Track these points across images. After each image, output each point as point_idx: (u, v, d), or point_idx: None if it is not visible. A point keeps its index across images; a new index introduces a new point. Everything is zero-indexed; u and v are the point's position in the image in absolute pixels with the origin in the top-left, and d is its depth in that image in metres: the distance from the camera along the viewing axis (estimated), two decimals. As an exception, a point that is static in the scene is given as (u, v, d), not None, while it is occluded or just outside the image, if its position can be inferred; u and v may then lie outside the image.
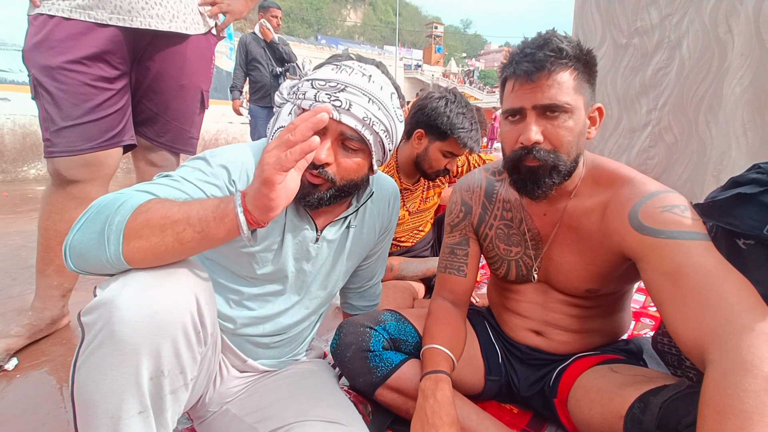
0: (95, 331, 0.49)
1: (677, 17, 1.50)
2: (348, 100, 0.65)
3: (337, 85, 0.66)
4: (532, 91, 0.71)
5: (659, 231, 0.64)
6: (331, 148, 0.67)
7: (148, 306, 0.49)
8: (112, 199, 0.54)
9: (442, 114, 1.24)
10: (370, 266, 0.96)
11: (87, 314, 0.50)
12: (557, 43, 0.69)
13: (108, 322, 0.48)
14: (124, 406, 0.49)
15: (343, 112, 0.65)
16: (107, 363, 0.48)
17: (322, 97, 0.66)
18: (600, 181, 0.78)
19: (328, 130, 0.67)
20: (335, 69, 0.68)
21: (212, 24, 1.23)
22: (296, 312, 0.82)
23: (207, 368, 0.70)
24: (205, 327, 0.57)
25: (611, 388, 0.71)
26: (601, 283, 0.80)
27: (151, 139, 1.26)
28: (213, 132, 5.81)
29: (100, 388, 0.49)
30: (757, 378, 0.47)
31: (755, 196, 0.60)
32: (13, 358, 1.07)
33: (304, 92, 0.68)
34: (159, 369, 0.51)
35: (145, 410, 0.51)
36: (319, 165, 0.66)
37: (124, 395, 0.49)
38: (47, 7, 0.99)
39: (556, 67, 0.69)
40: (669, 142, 1.53)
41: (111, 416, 0.49)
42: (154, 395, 0.51)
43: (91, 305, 0.50)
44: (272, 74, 3.26)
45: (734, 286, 0.55)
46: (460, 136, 1.24)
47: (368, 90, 0.67)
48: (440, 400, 0.70)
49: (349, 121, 0.66)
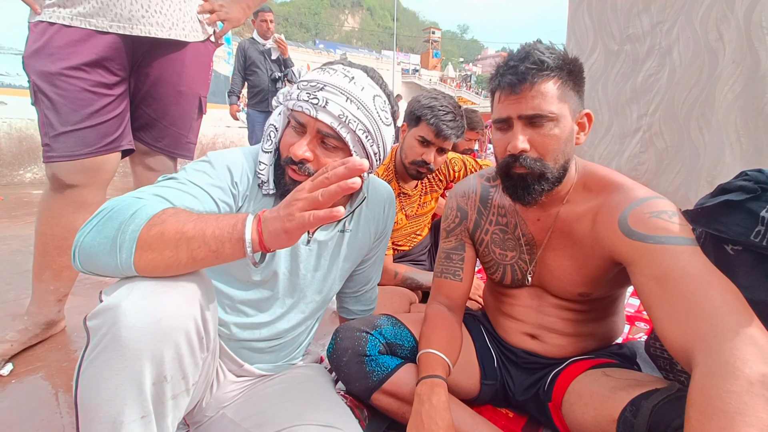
0: (100, 335, 0.49)
1: (668, 24, 1.52)
2: (325, 98, 0.67)
3: (316, 85, 0.69)
4: (517, 101, 0.73)
5: (647, 236, 0.66)
6: (310, 145, 0.69)
7: (153, 312, 0.50)
8: (126, 204, 0.53)
9: (416, 101, 1.31)
10: (365, 271, 0.97)
11: (93, 318, 0.50)
12: (538, 56, 0.72)
13: (113, 326, 0.48)
14: (126, 411, 0.49)
15: (319, 109, 0.67)
16: (110, 367, 0.49)
17: (302, 96, 0.68)
18: (591, 187, 0.80)
19: (307, 127, 0.69)
20: (320, 71, 0.71)
21: (211, 31, 1.25)
22: (292, 317, 0.82)
23: (205, 373, 0.70)
24: (209, 333, 0.57)
25: (604, 392, 0.72)
26: (593, 287, 0.81)
27: (149, 144, 1.27)
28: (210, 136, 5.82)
29: (102, 393, 0.49)
30: (739, 379, 0.48)
31: (742, 203, 0.61)
32: (8, 363, 1.07)
33: (290, 93, 0.71)
34: (162, 374, 0.51)
35: (147, 415, 0.51)
36: (297, 161, 0.68)
37: (126, 400, 0.49)
38: (48, 14, 1.00)
39: (538, 79, 0.72)
40: (660, 147, 1.55)
41: (113, 421, 0.49)
42: (156, 400, 0.52)
43: (97, 310, 0.50)
44: (271, 79, 3.28)
45: (719, 290, 0.56)
46: (428, 118, 1.25)
47: (347, 89, 0.69)
48: (436, 405, 0.71)
49: (324, 118, 0.67)
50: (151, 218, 0.52)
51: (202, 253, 0.51)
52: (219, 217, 0.54)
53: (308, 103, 0.68)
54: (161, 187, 0.61)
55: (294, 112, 0.70)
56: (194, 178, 0.65)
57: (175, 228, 0.51)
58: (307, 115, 0.68)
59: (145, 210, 0.52)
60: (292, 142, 0.70)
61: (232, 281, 0.77)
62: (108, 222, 0.52)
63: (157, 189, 0.59)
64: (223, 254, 0.52)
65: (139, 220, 0.51)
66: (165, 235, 0.51)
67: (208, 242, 0.51)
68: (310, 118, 0.68)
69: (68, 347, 1.19)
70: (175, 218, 0.52)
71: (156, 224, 0.51)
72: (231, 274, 0.77)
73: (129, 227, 0.51)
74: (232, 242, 0.52)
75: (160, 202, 0.56)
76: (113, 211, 0.53)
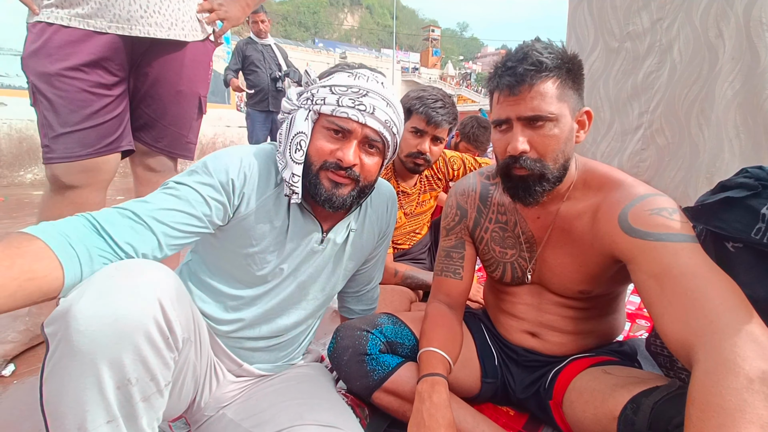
0: (56, 342, 0.48)
1: (668, 21, 1.52)
2: (372, 104, 0.70)
3: (359, 91, 0.70)
4: (516, 103, 0.73)
5: (647, 233, 0.65)
6: (356, 149, 0.71)
7: (106, 314, 0.48)
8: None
9: (406, 96, 1.34)
10: (368, 270, 0.97)
11: (49, 325, 0.49)
12: (537, 57, 0.71)
13: (66, 332, 0.47)
14: (89, 417, 0.48)
15: (368, 116, 0.69)
16: (69, 374, 0.47)
17: (346, 102, 0.69)
18: (591, 185, 0.80)
19: (353, 133, 0.70)
20: (351, 76, 0.72)
21: (210, 30, 1.25)
22: (294, 314, 0.82)
23: (192, 372, 0.69)
24: (174, 332, 0.54)
25: (604, 389, 0.72)
26: (593, 285, 0.81)
27: (149, 144, 1.26)
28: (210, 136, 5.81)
29: (65, 400, 0.48)
30: (739, 376, 0.48)
31: (742, 200, 0.61)
32: (10, 364, 1.07)
33: (322, 98, 0.71)
34: (124, 377, 0.49)
35: (113, 419, 0.50)
36: (347, 166, 0.70)
37: (87, 406, 0.48)
38: (46, 15, 1.00)
39: (537, 80, 0.71)
40: (661, 144, 1.54)
41: (79, 427, 0.48)
42: (123, 403, 0.50)
43: (52, 316, 0.49)
44: (271, 78, 3.27)
45: (719, 287, 0.56)
46: (418, 108, 1.29)
47: (385, 95, 0.72)
48: (437, 403, 0.71)
49: (374, 125, 0.70)
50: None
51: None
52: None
53: (355, 110, 0.69)
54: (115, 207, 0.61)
55: (336, 119, 0.70)
56: (185, 179, 0.67)
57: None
58: (355, 121, 0.69)
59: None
60: (332, 148, 0.71)
61: (231, 281, 0.77)
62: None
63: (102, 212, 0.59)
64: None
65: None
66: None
67: None
68: (358, 124, 0.70)
69: (70, 347, 1.19)
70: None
71: None
72: (233, 275, 0.77)
73: None
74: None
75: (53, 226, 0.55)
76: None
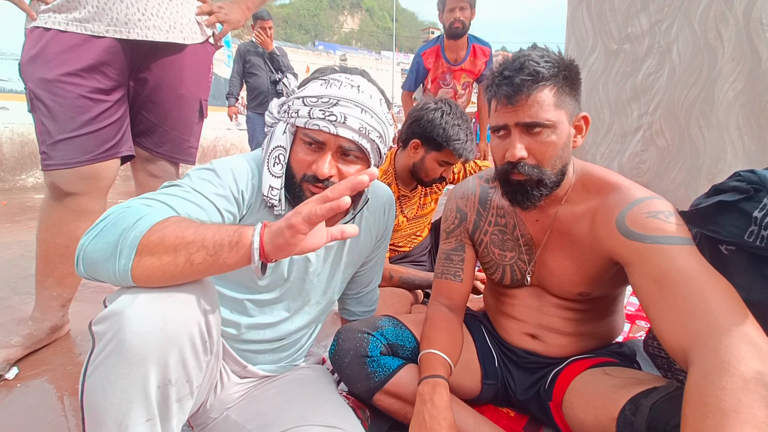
0: (105, 340, 0.50)
1: (667, 23, 1.53)
2: (342, 113, 0.67)
3: (329, 101, 0.67)
4: (513, 111, 0.74)
5: (645, 236, 0.66)
6: (332, 161, 0.69)
7: (158, 317, 0.50)
8: (131, 211, 0.53)
9: (438, 126, 1.26)
10: (367, 272, 0.98)
11: (98, 324, 0.51)
12: (533, 66, 0.72)
13: (118, 332, 0.49)
14: (131, 415, 0.50)
15: (339, 125, 0.67)
16: (116, 372, 0.49)
17: (316, 114, 0.67)
18: (589, 188, 0.80)
19: (327, 144, 0.68)
20: (324, 84, 0.70)
21: (210, 33, 1.24)
22: (298, 319, 0.84)
23: (209, 375, 0.71)
24: (212, 337, 0.58)
25: (604, 391, 0.73)
26: (592, 287, 0.81)
27: (150, 149, 1.26)
28: (211, 139, 5.83)
29: (108, 397, 0.50)
30: (734, 377, 0.48)
31: (735, 203, 0.62)
32: (14, 367, 1.08)
33: (296, 110, 0.69)
34: (167, 378, 0.52)
35: (152, 418, 0.52)
36: (323, 179, 0.68)
37: (132, 404, 0.50)
38: (44, 20, 0.99)
39: (534, 90, 0.72)
40: (661, 146, 1.55)
41: (119, 424, 0.50)
42: (161, 403, 0.52)
43: (102, 315, 0.51)
44: (271, 81, 3.29)
45: (715, 289, 0.57)
46: (456, 147, 1.26)
47: (359, 101, 0.69)
48: (438, 405, 0.71)
49: (346, 134, 0.67)
50: (154, 225, 0.52)
51: (200, 257, 0.51)
52: (221, 225, 0.54)
53: (325, 121, 0.67)
54: (166, 195, 0.61)
55: (309, 131, 0.69)
56: (199, 186, 0.65)
57: (176, 233, 0.51)
58: (327, 132, 0.67)
59: (149, 218, 0.53)
60: (310, 160, 0.70)
61: (237, 287, 0.78)
62: (112, 228, 0.52)
63: (162, 197, 0.59)
64: (220, 259, 0.51)
65: (142, 226, 0.51)
66: (165, 239, 0.51)
67: (207, 246, 0.51)
68: (330, 135, 0.68)
69: (73, 351, 1.20)
70: (177, 225, 0.53)
71: (157, 230, 0.51)
72: (237, 281, 0.77)
73: (131, 233, 0.51)
74: (232, 246, 0.51)
75: (165, 210, 0.56)
76: (118, 217, 0.53)
